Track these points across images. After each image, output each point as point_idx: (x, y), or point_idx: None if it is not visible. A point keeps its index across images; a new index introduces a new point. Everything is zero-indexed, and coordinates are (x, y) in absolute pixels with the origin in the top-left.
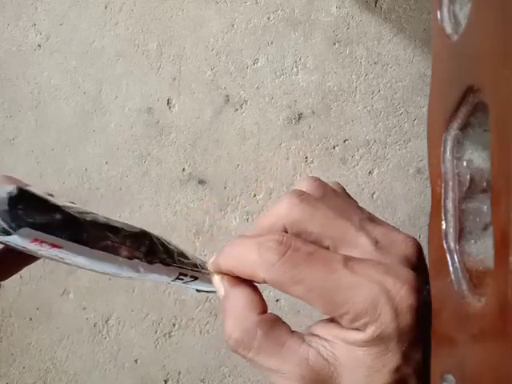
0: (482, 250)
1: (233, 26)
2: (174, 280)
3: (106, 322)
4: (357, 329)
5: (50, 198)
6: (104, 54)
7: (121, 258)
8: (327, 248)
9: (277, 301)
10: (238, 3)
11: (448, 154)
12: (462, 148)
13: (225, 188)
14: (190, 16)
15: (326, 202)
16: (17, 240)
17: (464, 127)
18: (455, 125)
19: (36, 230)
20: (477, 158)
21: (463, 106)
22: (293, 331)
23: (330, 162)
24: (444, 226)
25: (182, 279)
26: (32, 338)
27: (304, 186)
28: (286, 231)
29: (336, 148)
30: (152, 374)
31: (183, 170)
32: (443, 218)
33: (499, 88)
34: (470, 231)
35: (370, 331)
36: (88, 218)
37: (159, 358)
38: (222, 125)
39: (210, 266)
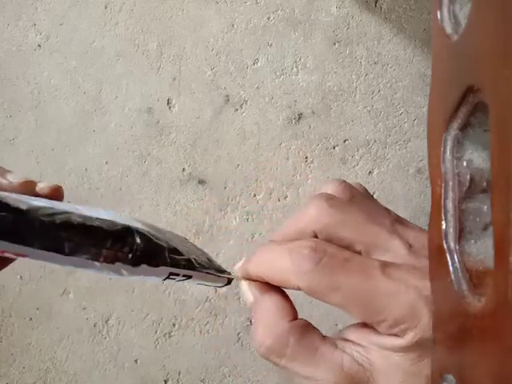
0: (482, 250)
1: (233, 25)
2: (164, 279)
3: (106, 322)
4: (395, 335)
5: (12, 198)
6: (104, 54)
7: (99, 264)
8: (359, 253)
9: None
10: (237, 3)
11: (448, 153)
12: (462, 148)
13: (225, 188)
14: (190, 16)
15: (355, 205)
16: None
17: (464, 127)
18: (455, 125)
19: None
20: (477, 157)
21: (463, 106)
22: (324, 336)
23: (330, 161)
24: (444, 226)
25: (173, 278)
26: (32, 338)
27: (330, 189)
28: (316, 237)
29: (336, 148)
30: (152, 374)
31: (183, 170)
32: (443, 217)
33: (499, 88)
34: (470, 231)
35: (409, 337)
36: (58, 221)
37: (159, 358)
38: (221, 125)
39: (237, 271)
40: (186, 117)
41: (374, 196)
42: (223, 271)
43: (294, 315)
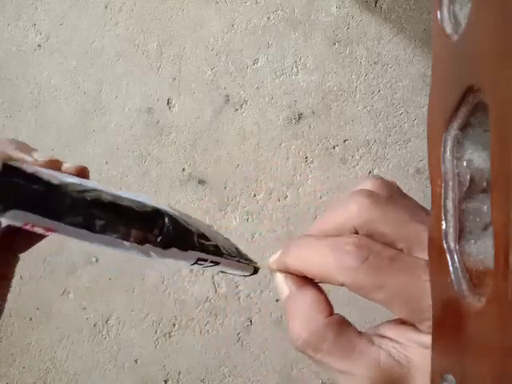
0: (482, 249)
1: (233, 25)
2: (192, 264)
3: (106, 322)
4: None
5: (44, 172)
6: (104, 54)
7: (128, 243)
8: (401, 251)
9: (277, 301)
10: (237, 3)
11: (448, 153)
12: (462, 148)
13: (225, 188)
14: (190, 16)
15: (396, 202)
16: (8, 222)
17: (464, 127)
18: (455, 125)
19: (25, 211)
20: (477, 158)
21: (463, 106)
22: (360, 332)
23: (330, 162)
24: (444, 226)
25: (201, 264)
26: (32, 338)
27: (368, 185)
28: (356, 233)
29: (336, 148)
30: (152, 374)
31: (183, 170)
32: (443, 217)
33: (499, 88)
34: (470, 231)
35: None
36: (89, 198)
37: (159, 358)
38: (222, 125)
39: (272, 263)
40: (186, 117)
41: None
42: (250, 260)
43: (331, 310)
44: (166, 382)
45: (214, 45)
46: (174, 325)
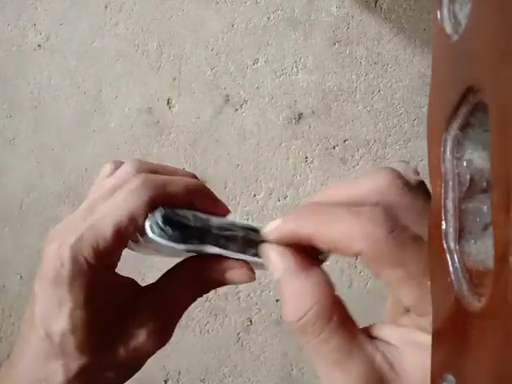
0: (482, 249)
1: (233, 26)
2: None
3: None
4: None
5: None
6: (104, 54)
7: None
8: None
9: (277, 301)
10: (237, 3)
11: (448, 153)
12: (462, 148)
13: (225, 188)
14: (190, 16)
15: (424, 192)
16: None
17: (464, 127)
18: (455, 125)
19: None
20: (477, 158)
21: (463, 106)
22: (358, 327)
23: (330, 162)
24: (444, 226)
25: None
26: None
27: (398, 169)
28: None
29: (336, 148)
30: (152, 374)
31: (183, 170)
32: (443, 218)
33: (499, 88)
34: (470, 231)
35: None
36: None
37: (159, 358)
38: (221, 125)
39: (273, 233)
40: (186, 117)
41: None
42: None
43: (335, 293)
44: (166, 382)
45: (214, 45)
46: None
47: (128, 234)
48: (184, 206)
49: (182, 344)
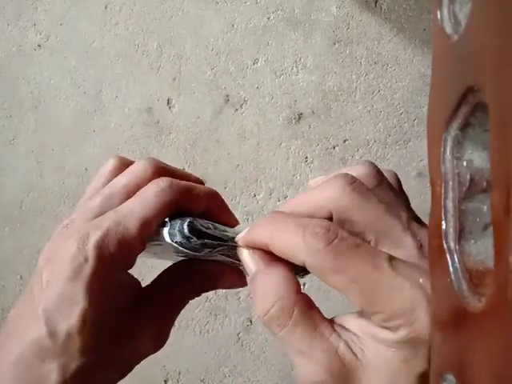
0: (482, 249)
1: (233, 26)
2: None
3: None
4: (388, 328)
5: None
6: (104, 54)
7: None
8: (369, 243)
9: None
10: (237, 3)
11: (448, 153)
12: (462, 148)
13: (225, 188)
14: (190, 16)
15: (378, 193)
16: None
17: (464, 127)
18: (455, 125)
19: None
20: (477, 158)
21: (463, 106)
22: (324, 318)
23: (330, 162)
24: (444, 226)
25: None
26: None
27: (360, 170)
28: (330, 217)
29: (336, 148)
30: (152, 374)
31: (183, 170)
32: (443, 218)
33: (499, 88)
34: (470, 231)
35: (403, 333)
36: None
37: (159, 358)
38: (221, 125)
39: (241, 239)
40: (186, 117)
41: None
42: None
43: (299, 289)
44: (166, 382)
45: (214, 45)
46: (173, 325)
47: (152, 233)
48: (201, 213)
49: (182, 344)
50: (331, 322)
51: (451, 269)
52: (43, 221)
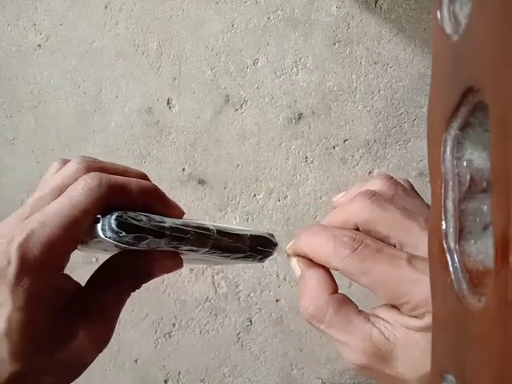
0: (482, 249)
1: (233, 25)
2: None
3: None
4: (415, 316)
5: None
6: (104, 54)
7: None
8: (394, 246)
9: (277, 301)
10: (237, 3)
11: (448, 153)
12: (462, 148)
13: (225, 188)
14: (190, 16)
15: (396, 202)
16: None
17: (464, 127)
18: (455, 125)
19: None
20: (477, 157)
21: (463, 106)
22: (360, 311)
23: (330, 162)
24: (444, 226)
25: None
26: None
27: (377, 184)
28: (358, 228)
29: (336, 148)
30: (152, 374)
31: (183, 170)
32: (443, 217)
33: (499, 88)
34: (470, 231)
35: (427, 319)
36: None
37: (159, 358)
38: (222, 125)
39: (288, 249)
40: (186, 117)
41: None
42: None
43: (335, 289)
44: (166, 382)
45: (214, 45)
46: (173, 325)
47: (80, 233)
48: (137, 208)
49: (182, 344)
50: (367, 314)
51: (451, 269)
52: None
